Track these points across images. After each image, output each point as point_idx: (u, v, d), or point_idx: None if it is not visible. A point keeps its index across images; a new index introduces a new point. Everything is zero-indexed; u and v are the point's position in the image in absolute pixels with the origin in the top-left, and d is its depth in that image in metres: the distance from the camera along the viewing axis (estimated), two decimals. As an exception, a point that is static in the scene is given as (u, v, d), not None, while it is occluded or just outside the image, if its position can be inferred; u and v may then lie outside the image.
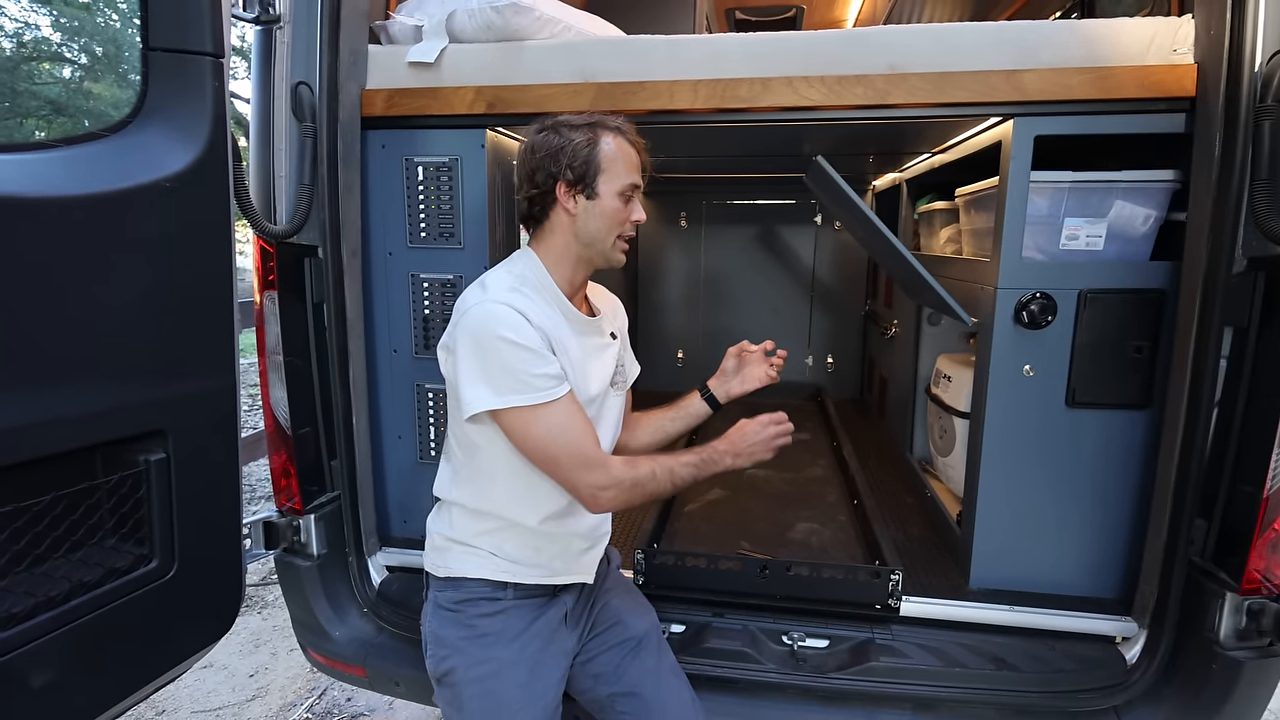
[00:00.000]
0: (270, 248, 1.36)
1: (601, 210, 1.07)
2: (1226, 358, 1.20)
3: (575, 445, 1.02)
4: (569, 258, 1.11)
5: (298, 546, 1.47)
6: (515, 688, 1.09)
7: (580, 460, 1.02)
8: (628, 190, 1.09)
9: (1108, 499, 1.40)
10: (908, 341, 2.27)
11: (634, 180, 1.09)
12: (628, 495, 1.06)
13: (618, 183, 1.07)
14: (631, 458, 1.09)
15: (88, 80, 1.79)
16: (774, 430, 1.14)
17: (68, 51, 2.12)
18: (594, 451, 1.04)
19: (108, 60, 1.37)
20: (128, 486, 0.93)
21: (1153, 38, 1.27)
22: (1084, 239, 1.39)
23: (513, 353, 0.99)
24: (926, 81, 1.33)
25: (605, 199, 1.07)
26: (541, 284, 1.10)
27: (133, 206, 0.89)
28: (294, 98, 1.36)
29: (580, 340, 1.13)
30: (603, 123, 1.08)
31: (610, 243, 1.10)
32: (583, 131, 1.06)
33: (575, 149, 1.05)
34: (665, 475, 1.08)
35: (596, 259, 1.12)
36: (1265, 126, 1.11)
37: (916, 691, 1.30)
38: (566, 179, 1.06)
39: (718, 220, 3.27)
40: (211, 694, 2.18)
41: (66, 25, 2.32)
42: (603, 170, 1.06)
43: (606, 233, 1.09)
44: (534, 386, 1.00)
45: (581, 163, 1.05)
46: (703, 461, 1.11)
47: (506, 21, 1.40)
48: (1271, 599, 1.16)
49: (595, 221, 1.08)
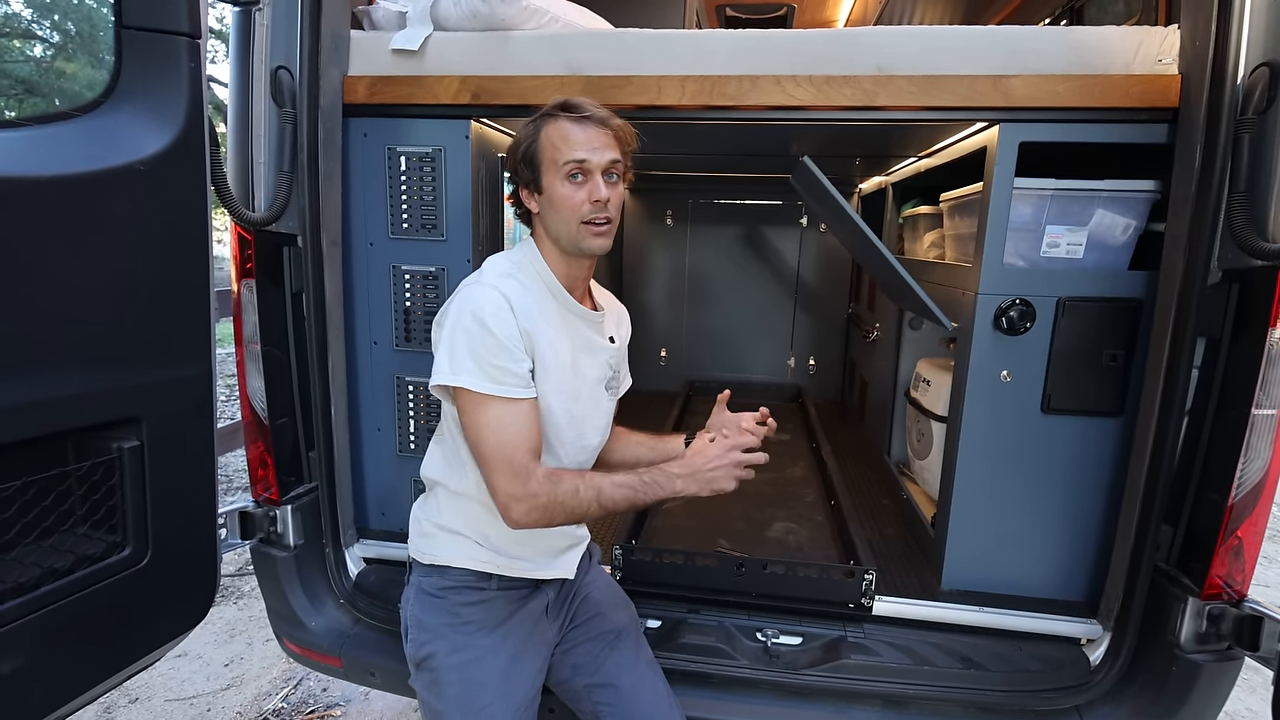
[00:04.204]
0: (248, 236, 1.34)
1: (551, 202, 1.05)
2: (1198, 367, 1.21)
3: (506, 448, 0.99)
4: (555, 251, 1.11)
5: (274, 537, 1.46)
6: (495, 675, 1.10)
7: (505, 464, 0.99)
8: (572, 168, 1.02)
9: (1078, 504, 1.43)
10: (888, 345, 2.29)
11: (575, 155, 1.01)
12: (542, 514, 1.00)
13: (560, 168, 1.02)
14: (557, 472, 1.03)
15: (60, 59, 1.74)
16: (737, 457, 1.07)
17: (39, 29, 2.06)
18: (521, 460, 0.99)
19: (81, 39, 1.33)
20: (100, 473, 0.92)
21: (1139, 47, 1.27)
22: (1065, 247, 1.40)
23: (482, 337, 0.99)
24: (914, 84, 1.32)
25: (551, 189, 1.04)
26: (539, 272, 1.10)
27: (104, 189, 0.87)
28: (273, 83, 1.33)
29: (576, 331, 1.12)
30: (549, 111, 1.05)
31: (574, 231, 1.05)
32: (529, 128, 1.05)
33: (518, 150, 1.05)
34: (590, 495, 1.01)
35: (572, 251, 1.08)
36: (1245, 139, 1.12)
37: (886, 689, 1.32)
38: (523, 178, 1.07)
39: (703, 219, 3.26)
40: (186, 683, 2.17)
41: (38, 2, 2.26)
42: (543, 162, 1.04)
43: (565, 224, 1.05)
44: (490, 376, 0.99)
45: (529, 158, 1.05)
46: (644, 484, 1.03)
47: (493, 10, 1.38)
48: (1231, 604, 1.18)
49: (551, 215, 1.06)
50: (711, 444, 1.08)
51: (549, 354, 1.06)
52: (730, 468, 1.06)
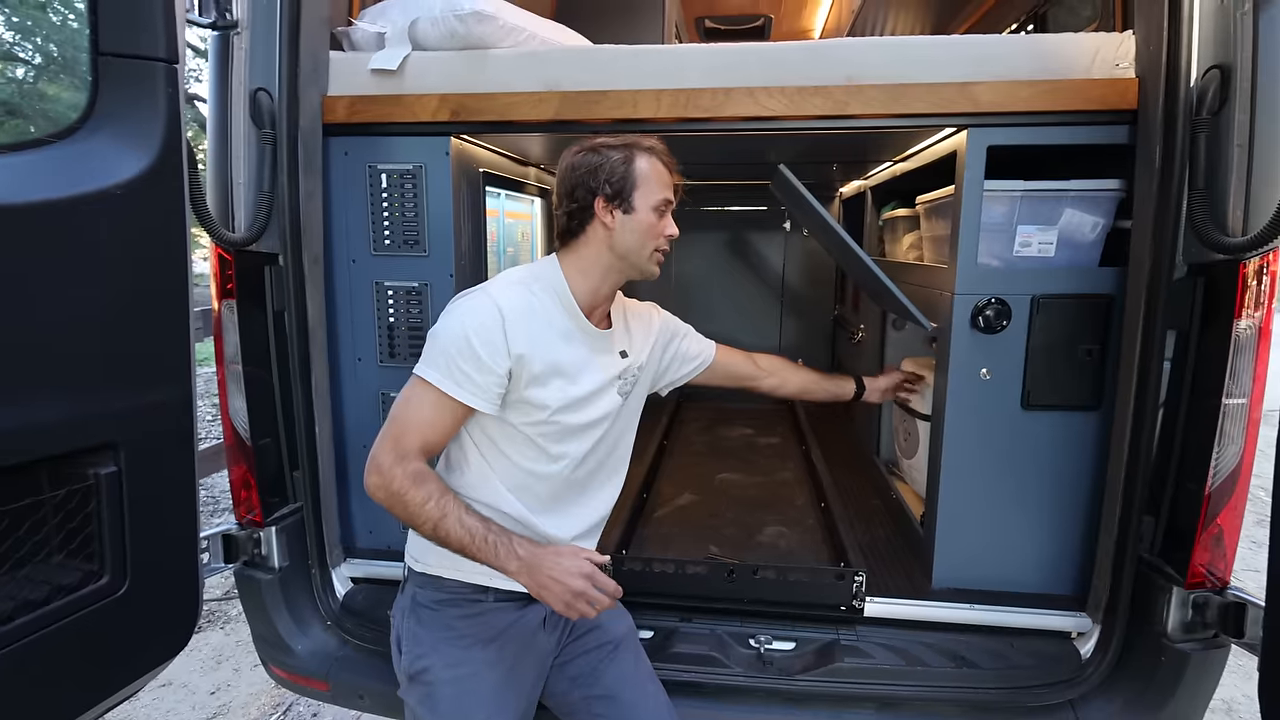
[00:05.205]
0: (228, 256, 1.34)
1: (637, 224, 1.12)
2: (1170, 360, 1.24)
3: (406, 425, 1.03)
4: (599, 268, 1.14)
5: (258, 559, 1.44)
6: (491, 689, 1.09)
7: (396, 436, 1.03)
8: (661, 205, 1.13)
9: (1062, 498, 1.44)
10: (873, 346, 2.32)
11: (667, 195, 1.14)
12: (386, 498, 1.02)
13: (652, 198, 1.12)
14: (426, 475, 1.02)
15: (42, 81, 1.74)
16: (580, 587, 1.00)
17: (21, 51, 2.06)
18: (410, 442, 1.02)
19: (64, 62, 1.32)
20: (76, 501, 0.91)
21: (1096, 52, 1.32)
22: (1036, 246, 1.43)
23: (459, 342, 1.03)
24: (883, 92, 1.36)
25: (641, 213, 1.11)
26: (556, 288, 1.13)
27: (80, 214, 0.87)
28: (253, 104, 1.34)
29: (579, 347, 1.14)
30: (638, 143, 1.13)
31: (646, 255, 1.14)
32: (620, 151, 1.11)
33: (613, 166, 1.10)
34: (433, 514, 1.00)
35: (630, 270, 1.15)
36: (1201, 139, 1.16)
37: (880, 691, 1.32)
38: (605, 194, 1.10)
39: (689, 226, 3.27)
40: (171, 713, 2.12)
41: (19, 24, 2.25)
42: (638, 186, 1.11)
43: (641, 245, 1.13)
44: (450, 375, 1.03)
45: (619, 179, 1.10)
46: (485, 542, 1.01)
47: (470, 30, 1.41)
48: (1215, 592, 1.20)
49: (632, 234, 1.12)
50: (573, 556, 1.03)
51: (547, 367, 1.08)
52: (566, 590, 1.00)
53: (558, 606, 1.02)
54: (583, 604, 1.01)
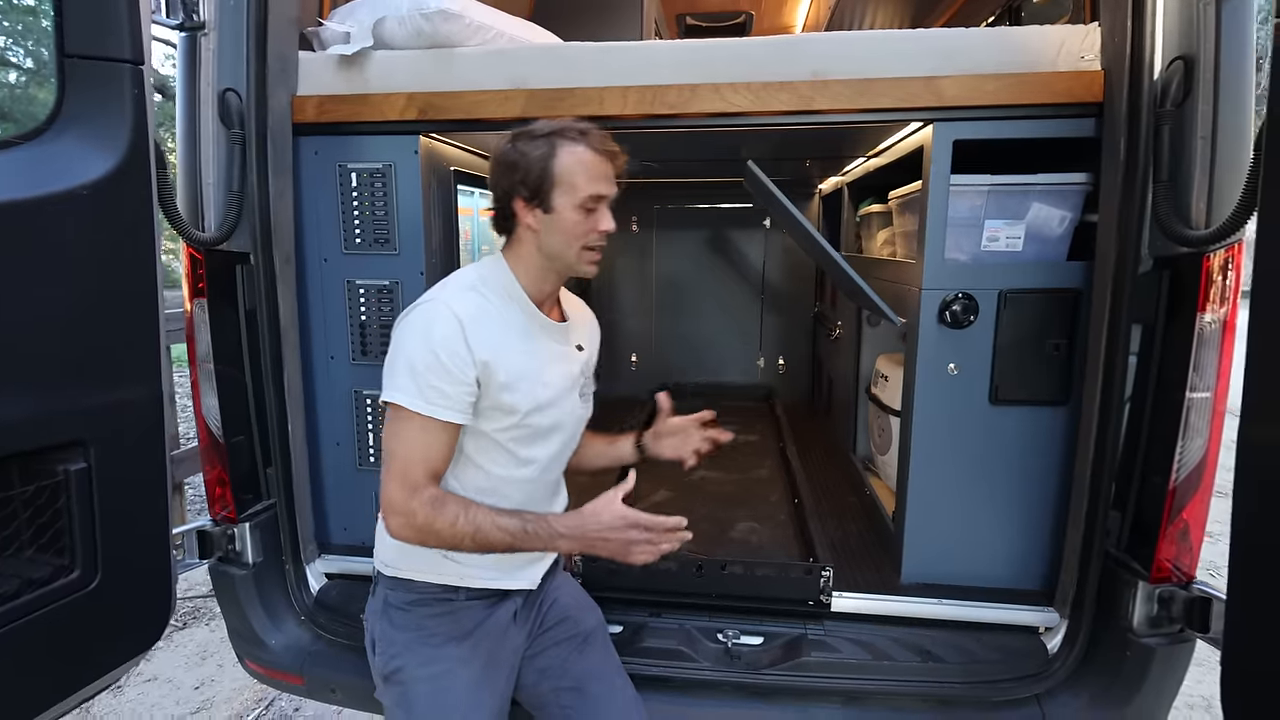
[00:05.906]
0: (199, 255, 1.36)
1: (559, 224, 1.05)
2: (1135, 354, 1.24)
3: (407, 459, 1.01)
4: (536, 267, 1.11)
5: (232, 555, 1.45)
6: (465, 686, 1.09)
7: (400, 474, 1.00)
8: (588, 202, 1.05)
9: (1030, 493, 1.44)
10: (850, 342, 2.31)
11: (595, 191, 1.05)
12: (415, 533, 1.00)
13: (576, 195, 1.04)
14: (445, 496, 1.02)
15: (32, 86, 1.76)
16: (634, 536, 1.01)
17: (12, 56, 2.09)
18: (416, 474, 1.00)
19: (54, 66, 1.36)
20: (45, 497, 0.92)
21: (1061, 45, 1.31)
22: (1004, 240, 1.42)
23: (424, 357, 1.00)
24: (849, 88, 1.36)
25: (562, 212, 1.05)
26: (505, 287, 1.10)
27: (46, 214, 0.88)
28: (221, 105, 1.35)
29: (540, 344, 1.12)
30: (564, 132, 1.04)
31: (574, 255, 1.08)
32: (541, 144, 1.04)
33: (530, 164, 1.03)
34: (467, 529, 0.99)
35: (562, 270, 1.11)
36: (1165, 131, 1.15)
37: (847, 685, 1.32)
38: (522, 195, 1.05)
39: (669, 224, 3.29)
40: (155, 707, 2.14)
41: (8, 29, 2.29)
42: (558, 184, 1.04)
43: (566, 246, 1.07)
44: (422, 394, 1.00)
45: (536, 177, 1.03)
46: (527, 534, 1.02)
47: (436, 28, 1.41)
48: (1180, 587, 1.20)
49: (554, 235, 1.06)
50: (608, 509, 1.03)
51: (513, 370, 1.05)
52: (624, 542, 1.02)
53: (625, 559, 1.02)
54: (645, 549, 1.01)
